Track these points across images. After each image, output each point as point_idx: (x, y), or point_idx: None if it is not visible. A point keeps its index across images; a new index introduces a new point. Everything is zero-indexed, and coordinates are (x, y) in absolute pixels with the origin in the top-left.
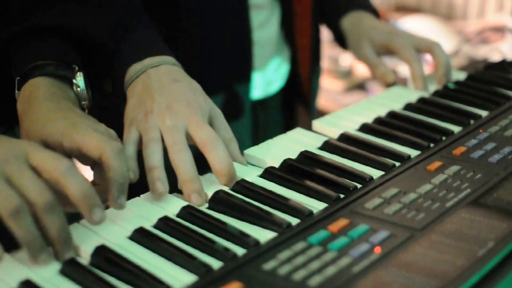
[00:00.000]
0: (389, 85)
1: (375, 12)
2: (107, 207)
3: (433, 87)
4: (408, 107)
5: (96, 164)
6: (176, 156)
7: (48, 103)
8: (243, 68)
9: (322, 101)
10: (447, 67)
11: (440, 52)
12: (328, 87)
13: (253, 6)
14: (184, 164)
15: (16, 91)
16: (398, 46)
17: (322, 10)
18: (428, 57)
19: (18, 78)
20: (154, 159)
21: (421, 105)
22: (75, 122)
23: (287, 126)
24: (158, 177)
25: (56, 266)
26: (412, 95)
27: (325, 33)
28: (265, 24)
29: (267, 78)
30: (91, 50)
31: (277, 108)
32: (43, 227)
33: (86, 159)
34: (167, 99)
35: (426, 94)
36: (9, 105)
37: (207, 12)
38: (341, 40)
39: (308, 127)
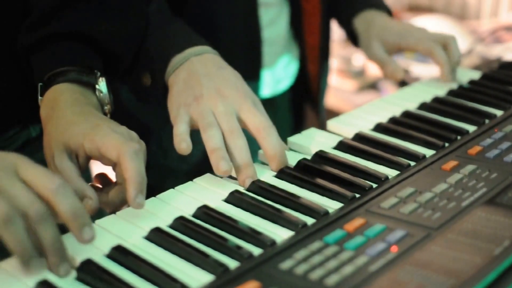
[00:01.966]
0: (401, 83)
1: (388, 11)
2: (127, 206)
3: (447, 87)
4: (423, 106)
5: (116, 165)
6: (233, 142)
7: (72, 108)
8: (252, 66)
9: (334, 101)
10: (457, 64)
11: (455, 48)
12: (341, 87)
13: (262, 4)
14: (239, 149)
15: (39, 97)
16: (414, 42)
17: (334, 8)
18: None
19: (41, 84)
20: (216, 141)
21: (436, 105)
22: (96, 125)
23: (295, 124)
24: (222, 156)
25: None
26: (427, 95)
27: (337, 32)
28: (274, 22)
29: (276, 76)
30: (112, 54)
31: (286, 106)
32: (37, 238)
33: (106, 160)
34: (216, 84)
35: (441, 93)
36: (25, 106)
37: (216, 10)
38: (354, 39)
39: (316, 125)
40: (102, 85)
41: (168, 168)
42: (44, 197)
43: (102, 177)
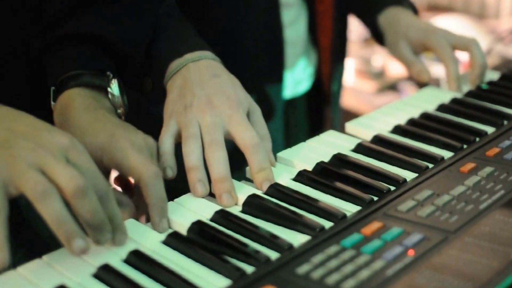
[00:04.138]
0: (421, 84)
1: (412, 8)
2: (147, 221)
3: (466, 88)
4: (441, 108)
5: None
6: (211, 155)
7: (84, 114)
8: (275, 67)
9: (353, 102)
10: (483, 67)
11: (478, 52)
12: (360, 88)
13: (283, 4)
14: (217, 162)
15: (52, 102)
16: (435, 44)
17: (357, 5)
18: (463, 55)
19: (53, 88)
20: (193, 159)
21: (454, 106)
22: (113, 134)
23: (314, 126)
24: (198, 178)
25: (89, 269)
26: (445, 96)
27: (356, 33)
28: (294, 22)
29: (296, 78)
30: (124, 57)
31: (305, 108)
32: (76, 214)
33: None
34: (207, 93)
35: (459, 95)
36: (41, 111)
37: (238, 10)
38: (378, 37)
39: (332, 127)
40: (114, 87)
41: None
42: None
43: (122, 179)
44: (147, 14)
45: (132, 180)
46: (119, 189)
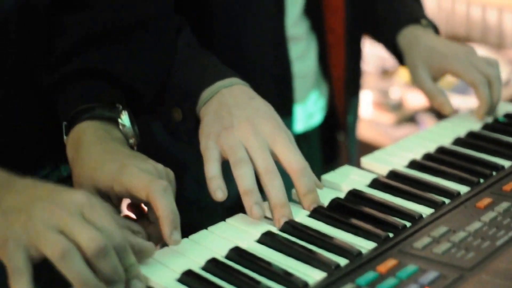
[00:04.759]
0: (443, 115)
1: (432, 25)
2: (164, 245)
3: (482, 121)
4: (458, 141)
5: (148, 204)
6: (269, 183)
7: (96, 147)
8: (284, 101)
9: (371, 134)
10: (496, 104)
11: (497, 88)
12: (378, 120)
13: (291, 38)
14: (276, 190)
15: (65, 136)
16: (459, 71)
17: (374, 25)
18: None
19: (65, 123)
20: (248, 182)
21: (470, 140)
22: (122, 164)
23: (328, 159)
24: (255, 201)
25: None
26: (462, 129)
27: (374, 64)
28: (303, 56)
29: (308, 111)
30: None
31: (318, 141)
32: (96, 271)
33: (138, 200)
34: (246, 114)
35: (476, 127)
36: (54, 145)
37: (246, 45)
38: (397, 55)
39: (349, 159)
40: (124, 118)
41: (203, 202)
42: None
43: (135, 207)
44: (159, 51)
45: (145, 208)
46: (133, 216)
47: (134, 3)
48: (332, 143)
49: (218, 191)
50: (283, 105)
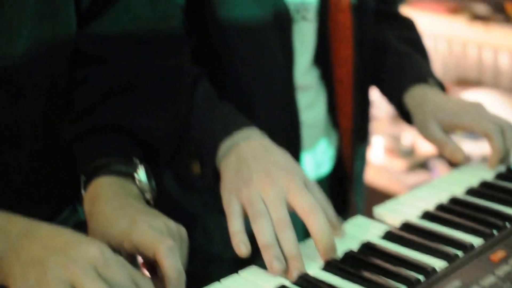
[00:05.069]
0: (458, 163)
1: (439, 84)
2: None
3: (495, 170)
4: (470, 191)
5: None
6: (282, 235)
7: (110, 203)
8: (292, 149)
9: (384, 181)
10: (508, 153)
11: (510, 136)
12: (390, 167)
13: (300, 87)
14: (288, 242)
15: (82, 191)
16: (470, 122)
17: (381, 84)
18: None
19: (83, 178)
20: (267, 237)
21: (483, 190)
22: (133, 220)
23: (337, 208)
24: (275, 255)
25: None
26: (475, 179)
27: (385, 110)
28: (312, 105)
29: (317, 160)
30: (151, 146)
31: (328, 190)
32: None
33: (146, 257)
34: (264, 167)
35: (489, 176)
36: (72, 188)
37: (254, 94)
38: (404, 115)
39: (356, 209)
40: (141, 173)
41: (213, 254)
42: None
43: (149, 263)
44: (177, 104)
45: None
46: (147, 273)
47: (152, 56)
48: (342, 193)
49: (242, 246)
50: (291, 153)
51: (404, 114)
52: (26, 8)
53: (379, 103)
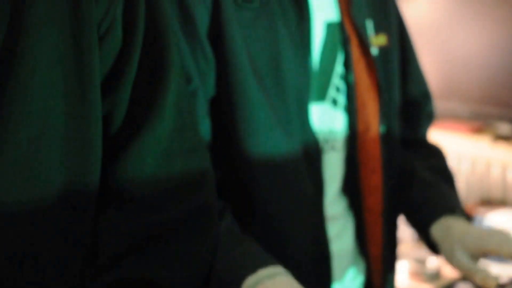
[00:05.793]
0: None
1: (464, 214)
2: None
3: None
4: None
5: None
6: None
7: None
8: (322, 281)
9: None
10: None
11: None
12: None
13: (329, 218)
14: None
15: None
16: (496, 245)
17: (409, 214)
18: None
19: None
20: None
21: None
22: None
23: None
24: None
25: None
26: None
27: (410, 233)
28: (340, 234)
29: None
30: None
31: None
32: None
33: None
34: None
35: None
36: None
37: (284, 225)
38: (430, 244)
39: None
40: None
41: None
42: None
43: None
44: (200, 257)
45: None
46: None
47: (179, 199)
48: None
49: None
50: (321, 285)
51: (430, 244)
52: None
53: (403, 227)
